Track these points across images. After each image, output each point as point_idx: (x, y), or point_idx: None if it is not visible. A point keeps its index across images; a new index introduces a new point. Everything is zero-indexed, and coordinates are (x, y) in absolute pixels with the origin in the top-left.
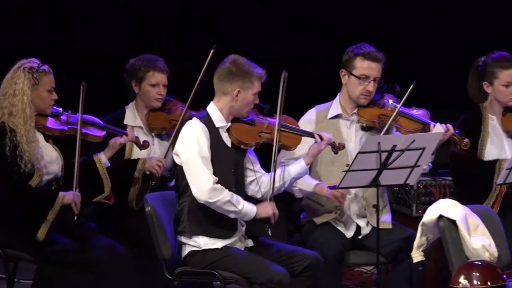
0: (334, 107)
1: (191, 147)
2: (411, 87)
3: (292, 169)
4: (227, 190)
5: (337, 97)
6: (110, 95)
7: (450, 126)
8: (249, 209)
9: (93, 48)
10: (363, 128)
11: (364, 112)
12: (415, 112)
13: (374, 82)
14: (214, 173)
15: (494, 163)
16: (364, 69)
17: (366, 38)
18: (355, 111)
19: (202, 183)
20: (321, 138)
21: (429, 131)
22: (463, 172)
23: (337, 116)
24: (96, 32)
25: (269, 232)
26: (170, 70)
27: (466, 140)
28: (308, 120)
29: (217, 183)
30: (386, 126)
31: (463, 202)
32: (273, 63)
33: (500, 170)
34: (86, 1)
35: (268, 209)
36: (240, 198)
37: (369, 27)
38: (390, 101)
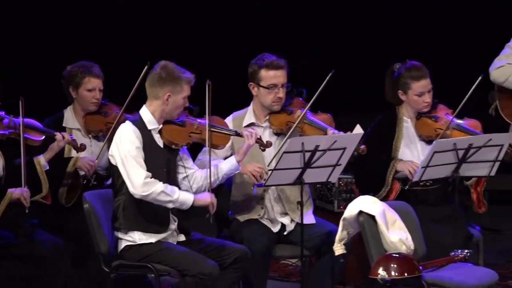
0: (248, 115)
1: (124, 147)
2: (316, 94)
3: (224, 166)
4: (160, 182)
5: (251, 105)
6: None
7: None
8: (186, 197)
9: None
10: (276, 134)
11: (274, 120)
12: (318, 118)
13: (282, 88)
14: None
15: (389, 161)
16: (271, 79)
17: (366, 38)
18: (267, 118)
19: (136, 179)
20: (248, 135)
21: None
22: (362, 164)
23: (252, 124)
24: (96, 32)
25: (210, 220)
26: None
27: (363, 146)
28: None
29: (141, 198)
30: (290, 131)
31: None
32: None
33: (393, 168)
34: (86, 1)
35: (207, 198)
36: (176, 188)
37: (369, 27)
38: (299, 111)
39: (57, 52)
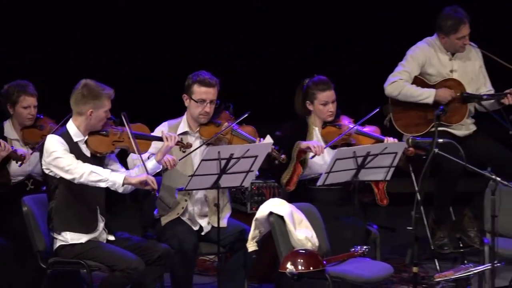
0: (183, 124)
1: (51, 152)
2: (245, 115)
3: (147, 165)
4: (87, 164)
5: (185, 115)
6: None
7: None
8: (117, 176)
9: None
10: (207, 144)
11: (203, 131)
12: (243, 130)
13: (211, 104)
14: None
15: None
16: (201, 94)
17: (366, 38)
18: (198, 128)
19: (67, 169)
20: (168, 138)
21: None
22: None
23: (185, 133)
24: (96, 32)
25: (156, 195)
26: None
27: (283, 156)
28: (161, 130)
29: (79, 183)
30: (212, 139)
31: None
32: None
33: (297, 146)
34: (86, 1)
35: (142, 176)
36: (107, 170)
37: (369, 27)
38: (226, 123)
39: (57, 52)
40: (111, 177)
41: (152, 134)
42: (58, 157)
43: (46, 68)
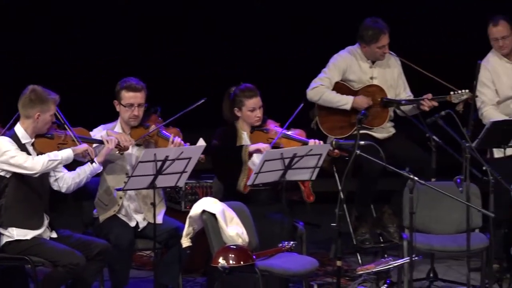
0: (117, 128)
1: (4, 151)
2: (179, 113)
3: (87, 168)
4: (42, 155)
5: (118, 119)
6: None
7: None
8: (66, 152)
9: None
10: (136, 145)
11: (133, 133)
12: (169, 132)
13: (139, 107)
14: (24, 180)
15: (240, 148)
16: (129, 99)
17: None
18: (130, 131)
19: (26, 165)
20: (108, 141)
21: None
22: (218, 160)
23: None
24: (96, 32)
25: (92, 161)
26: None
27: (202, 155)
28: (98, 132)
29: (26, 183)
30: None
31: (226, 195)
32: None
33: (246, 150)
34: (86, 1)
35: (84, 145)
36: (56, 152)
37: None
38: (154, 126)
39: (57, 52)
40: (63, 155)
41: (93, 137)
42: (13, 155)
43: (46, 68)
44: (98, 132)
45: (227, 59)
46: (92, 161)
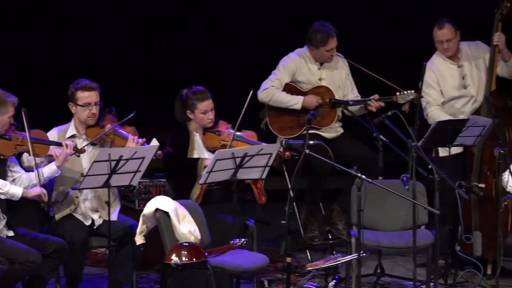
0: (71, 129)
1: None
2: (131, 113)
3: (46, 171)
4: None
5: (72, 121)
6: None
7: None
8: (15, 190)
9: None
10: (92, 144)
11: (89, 132)
12: (125, 130)
13: (95, 105)
14: None
15: (196, 161)
16: (86, 98)
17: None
18: (85, 131)
19: None
20: (67, 145)
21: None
22: (170, 169)
23: (73, 136)
24: (96, 32)
25: (45, 207)
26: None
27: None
28: (52, 135)
29: None
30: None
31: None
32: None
33: (202, 163)
34: (86, 1)
35: (37, 190)
36: (7, 182)
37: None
38: (109, 125)
39: (57, 52)
40: (11, 190)
41: (50, 139)
42: None
43: (46, 68)
44: (51, 136)
45: (227, 59)
46: (46, 207)
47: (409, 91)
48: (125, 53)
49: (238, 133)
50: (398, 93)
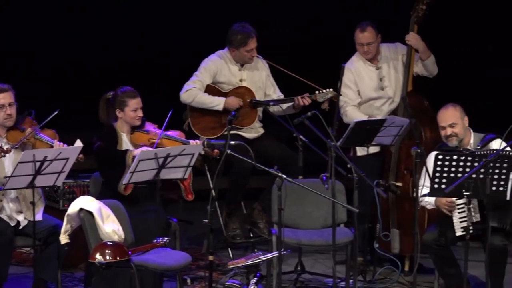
0: None
1: None
2: (52, 114)
3: None
4: None
5: None
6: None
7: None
8: None
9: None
10: (12, 147)
11: (10, 136)
12: (45, 133)
13: (10, 106)
14: None
15: (125, 152)
16: None
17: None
18: (6, 134)
19: None
20: None
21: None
22: (102, 161)
23: None
24: (96, 32)
25: None
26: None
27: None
28: None
29: None
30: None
31: (103, 193)
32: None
33: (130, 154)
34: (86, 1)
35: None
36: None
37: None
38: (29, 129)
39: (57, 52)
40: None
41: None
42: None
43: (46, 68)
44: None
45: None
46: None
47: (327, 90)
48: (125, 53)
49: (166, 132)
50: (317, 92)
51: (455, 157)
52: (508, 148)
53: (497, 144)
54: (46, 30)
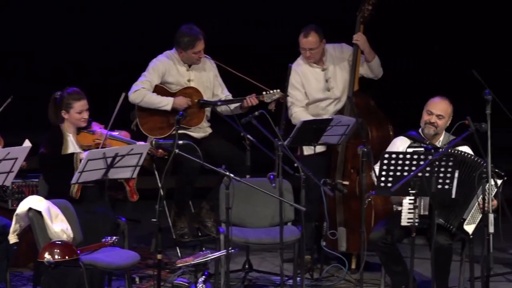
0: None
1: None
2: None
3: None
4: None
5: None
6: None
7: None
8: None
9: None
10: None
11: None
12: None
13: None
14: None
15: (71, 156)
16: None
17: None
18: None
19: None
20: None
21: None
22: (47, 169)
23: None
24: (96, 31)
25: None
26: None
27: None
28: None
29: None
30: None
31: (52, 194)
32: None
33: (78, 158)
34: (86, 1)
35: None
36: None
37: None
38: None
39: (57, 52)
40: None
41: None
42: None
43: (46, 68)
44: None
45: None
46: None
47: (274, 91)
48: (125, 53)
49: (111, 132)
50: (264, 92)
51: (401, 155)
52: (463, 148)
53: (464, 149)
54: (46, 30)
